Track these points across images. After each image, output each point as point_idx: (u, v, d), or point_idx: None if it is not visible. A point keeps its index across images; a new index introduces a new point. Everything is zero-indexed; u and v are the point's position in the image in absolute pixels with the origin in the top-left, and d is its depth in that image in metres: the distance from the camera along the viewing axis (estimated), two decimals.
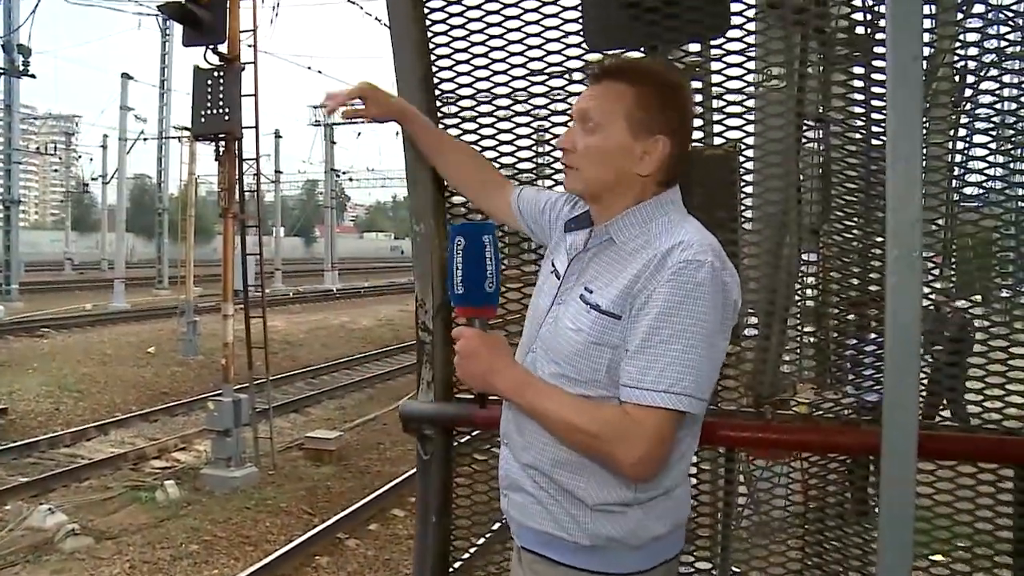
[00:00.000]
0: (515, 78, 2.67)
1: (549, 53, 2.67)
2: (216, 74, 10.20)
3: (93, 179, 50.20)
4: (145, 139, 32.28)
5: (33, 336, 20.35)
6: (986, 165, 2.39)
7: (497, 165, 2.71)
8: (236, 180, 10.73)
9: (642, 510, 1.87)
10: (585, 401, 1.82)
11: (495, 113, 2.70)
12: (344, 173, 48.71)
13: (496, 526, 2.74)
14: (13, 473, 10.62)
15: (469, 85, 2.69)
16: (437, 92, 2.70)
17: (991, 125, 2.38)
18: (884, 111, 2.40)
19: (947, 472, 2.40)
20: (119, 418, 13.47)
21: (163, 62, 30.33)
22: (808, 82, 2.64)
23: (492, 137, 2.72)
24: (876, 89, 2.52)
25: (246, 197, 11.27)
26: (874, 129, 2.59)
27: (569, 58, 2.67)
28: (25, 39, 23.18)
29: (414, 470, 9.32)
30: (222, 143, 10.54)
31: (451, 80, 2.71)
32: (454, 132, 2.74)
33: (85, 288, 34.38)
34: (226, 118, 10.22)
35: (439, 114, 2.72)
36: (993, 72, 2.44)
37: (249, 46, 10.86)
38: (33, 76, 23.01)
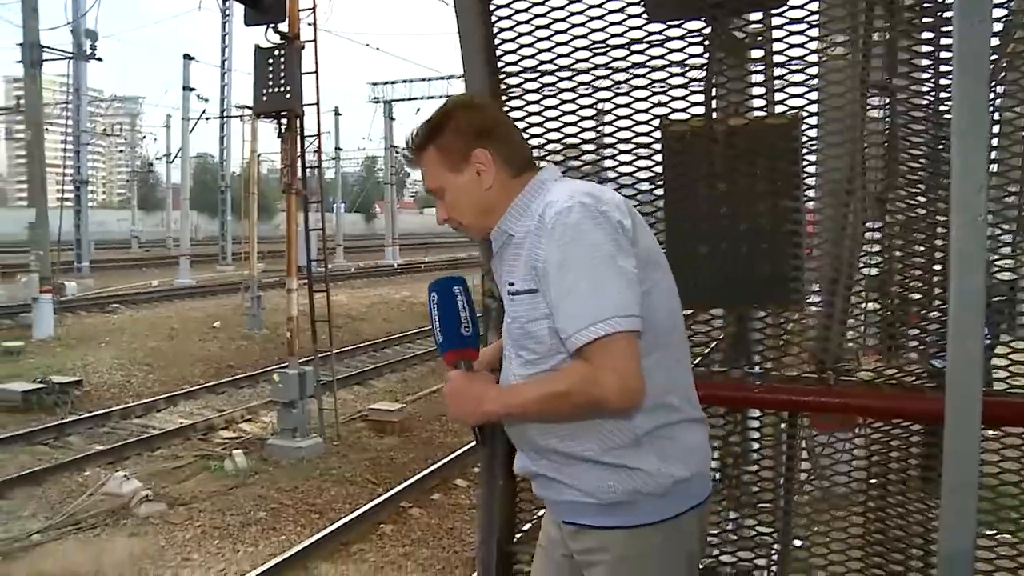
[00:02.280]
0: (577, 49, 2.69)
1: (610, 24, 2.69)
2: (276, 53, 10.34)
3: (157, 159, 51.20)
4: (207, 118, 32.87)
5: (104, 311, 20.98)
6: None
7: (560, 135, 2.76)
8: (298, 157, 10.88)
9: (653, 454, 1.95)
10: (547, 374, 1.97)
11: (557, 84, 2.73)
12: (404, 149, 49.02)
13: None
14: (90, 442, 11.02)
15: (531, 57, 2.72)
16: (500, 64, 2.74)
17: None
18: (949, 76, 2.40)
19: (1014, 440, 2.39)
20: (187, 390, 13.85)
21: (224, 42, 30.81)
22: (874, 49, 2.63)
23: (554, 108, 2.75)
24: (945, 55, 2.50)
25: (308, 174, 11.44)
26: (942, 96, 2.57)
27: (631, 28, 2.69)
28: (92, 24, 23.71)
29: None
30: (283, 121, 10.70)
31: (514, 52, 2.75)
32: (516, 103, 2.78)
33: (151, 265, 35.20)
34: (287, 96, 10.36)
35: (501, 86, 2.76)
36: None
37: (309, 24, 10.97)
38: (100, 60, 23.57)
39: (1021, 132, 2.46)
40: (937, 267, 2.62)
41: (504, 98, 2.76)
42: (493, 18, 2.72)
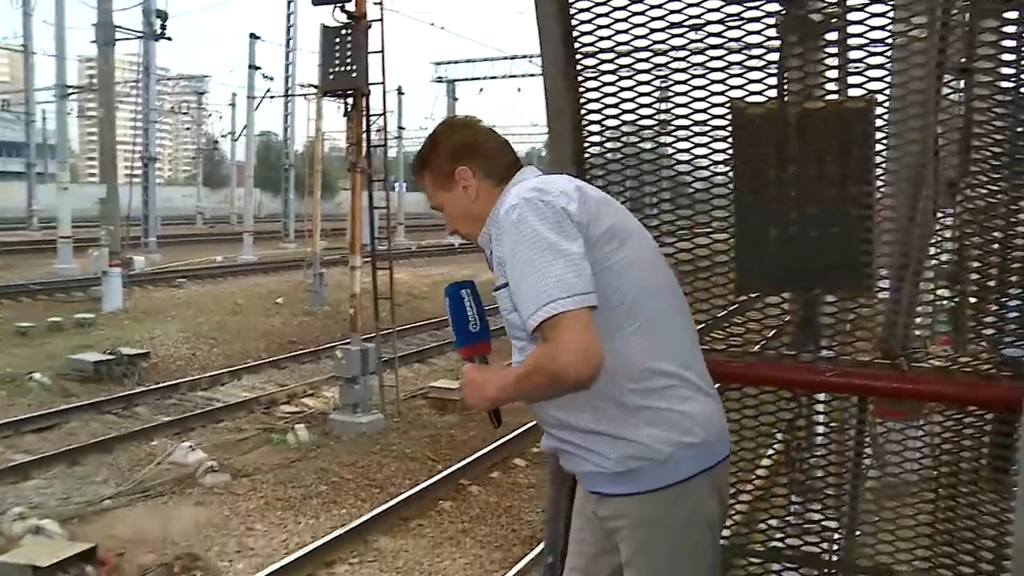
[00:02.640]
0: (655, 31, 2.69)
1: (688, 5, 2.68)
2: (343, 32, 10.44)
3: (222, 136, 52.13)
4: (272, 97, 33.27)
5: (171, 286, 21.46)
6: None
7: (636, 117, 2.77)
8: (363, 136, 10.99)
9: (644, 422, 2.07)
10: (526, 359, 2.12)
11: (633, 66, 2.73)
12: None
13: None
14: (157, 412, 11.34)
15: (609, 38, 2.73)
16: (577, 45, 2.76)
17: None
18: None
19: None
20: (250, 364, 14.13)
21: (288, 21, 31.04)
22: (952, 31, 2.58)
23: (631, 89, 2.76)
24: None
25: (372, 152, 11.54)
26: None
27: (708, 10, 2.67)
28: (161, 4, 24.12)
29: (535, 421, 9.46)
30: (350, 100, 10.81)
31: (591, 32, 2.75)
32: (592, 84, 2.80)
33: (215, 241, 35.77)
34: (353, 75, 10.47)
35: (579, 67, 2.77)
36: None
37: (375, 3, 11.05)
38: (169, 39, 23.91)
39: None
40: (1014, 255, 2.57)
41: (580, 79, 2.78)
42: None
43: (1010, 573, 1.75)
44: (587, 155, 2.83)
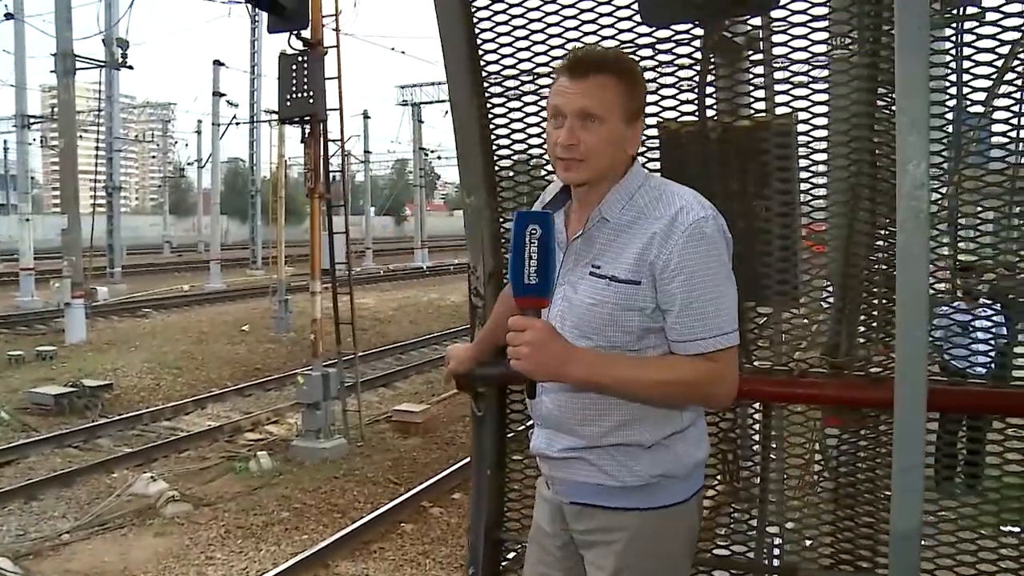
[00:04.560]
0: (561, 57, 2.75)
1: (602, 28, 2.75)
2: (300, 59, 10.50)
3: (188, 164, 51.72)
4: (237, 123, 33.20)
5: (136, 316, 21.32)
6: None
7: (540, 140, 2.82)
8: (322, 161, 11.04)
9: (682, 439, 2.10)
10: (661, 360, 2.01)
11: (539, 92, 2.80)
12: (432, 151, 49.14)
13: None
14: (119, 444, 11.25)
15: (513, 67, 2.79)
16: (484, 74, 2.82)
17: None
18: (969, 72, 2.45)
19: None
20: (215, 393, 14.07)
21: (253, 48, 31.14)
22: (884, 47, 2.66)
23: (536, 115, 2.82)
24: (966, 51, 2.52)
25: (332, 178, 11.58)
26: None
27: (621, 31, 2.74)
28: (123, 32, 24.03)
29: None
30: (307, 126, 10.86)
31: (496, 62, 2.83)
32: (500, 111, 2.86)
33: (183, 269, 35.61)
34: (310, 101, 10.52)
35: (486, 94, 2.84)
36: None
37: (332, 30, 11.14)
38: (131, 68, 23.76)
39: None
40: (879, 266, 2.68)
41: (489, 105, 2.84)
42: (476, 19, 2.79)
43: (888, 557, 1.81)
44: (497, 179, 2.89)
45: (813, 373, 2.51)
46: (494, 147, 2.86)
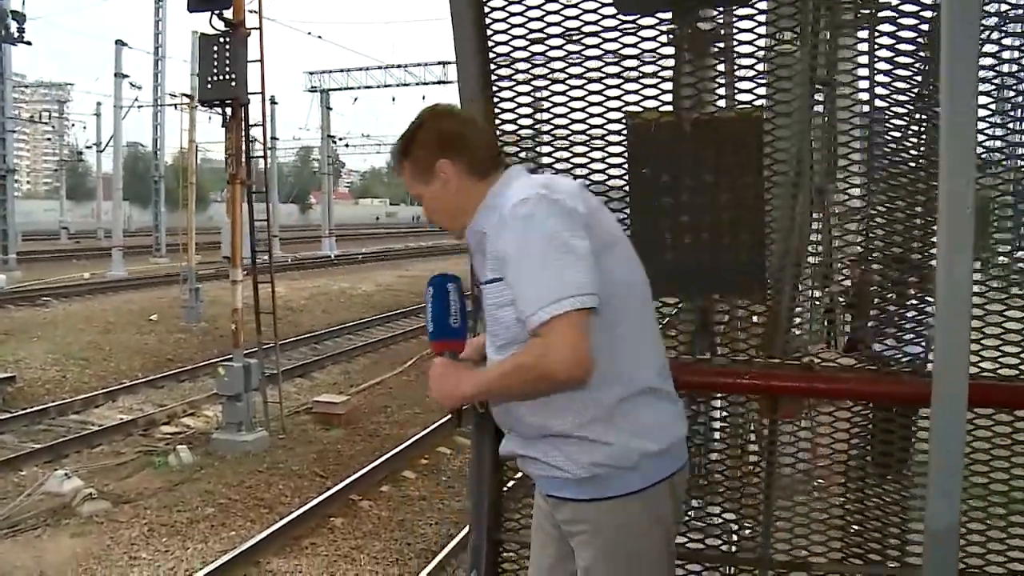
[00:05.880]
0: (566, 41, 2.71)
1: (584, 12, 2.72)
2: (222, 40, 10.18)
3: (87, 147, 49.78)
4: (140, 106, 32.12)
5: (35, 305, 20.34)
6: (986, 125, 2.46)
7: (551, 126, 2.78)
8: (243, 146, 10.73)
9: (622, 428, 2.08)
10: (509, 356, 2.12)
11: (549, 76, 2.75)
12: (340, 139, 48.41)
13: None
14: (25, 440, 10.74)
15: (523, 48, 2.74)
16: (492, 55, 2.75)
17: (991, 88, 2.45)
18: (888, 74, 2.52)
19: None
20: (126, 385, 13.58)
21: (157, 28, 30.07)
22: (820, 45, 2.71)
23: (547, 99, 2.77)
24: (881, 53, 2.59)
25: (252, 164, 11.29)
26: (877, 91, 2.66)
27: (604, 17, 2.72)
28: (18, 5, 23.00)
29: (423, 432, 9.41)
30: (228, 110, 10.54)
31: (506, 44, 2.76)
32: (508, 95, 2.80)
33: (82, 257, 34.30)
34: (233, 84, 10.21)
35: (493, 76, 2.77)
36: (994, 35, 2.50)
37: (252, 12, 10.80)
38: (28, 43, 22.81)
39: None
40: (872, 256, 2.73)
41: (495, 88, 2.78)
42: (486, 9, 2.73)
43: (922, 556, 1.81)
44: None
45: (826, 368, 2.50)
46: (499, 134, 2.80)
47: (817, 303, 3.49)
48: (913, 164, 2.72)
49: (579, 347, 1.94)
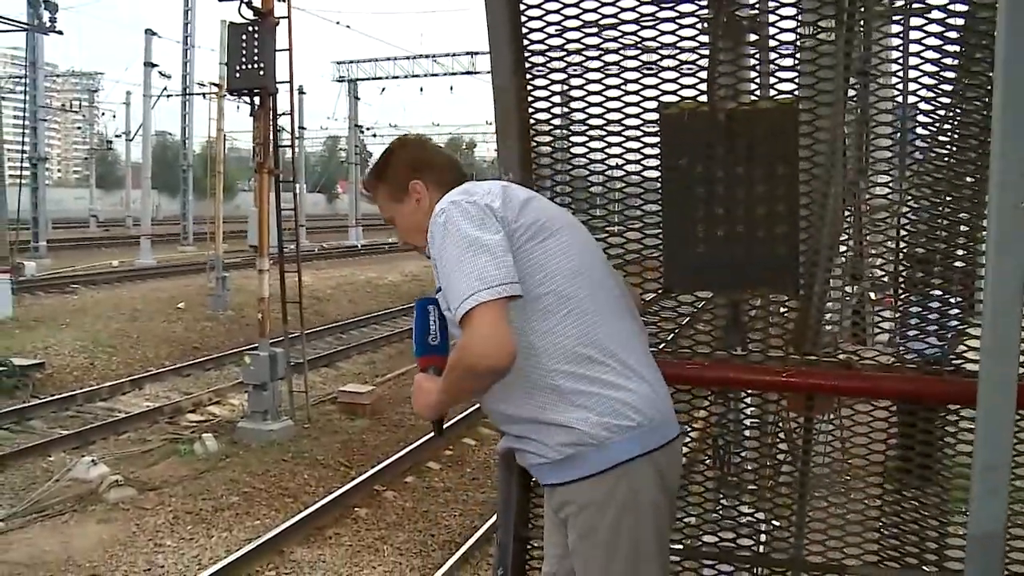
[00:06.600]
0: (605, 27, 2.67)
1: (625, 9, 2.67)
2: (250, 29, 10.18)
3: (117, 136, 50.14)
4: (169, 95, 32.30)
5: (64, 292, 20.56)
6: None
7: (584, 115, 2.74)
8: (271, 135, 10.74)
9: (581, 407, 2.12)
10: None
11: (584, 64, 2.70)
12: (368, 129, 48.44)
13: None
14: (53, 426, 10.83)
15: (558, 35, 2.70)
16: (525, 43, 2.71)
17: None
18: (919, 68, 2.46)
19: None
20: (153, 372, 13.69)
21: (186, 18, 30.26)
22: (856, 35, 2.66)
23: (580, 88, 2.73)
24: (914, 47, 2.53)
25: (279, 153, 11.30)
26: (918, 83, 2.60)
27: (641, 3, 2.66)
28: None
29: (449, 423, 9.33)
30: (256, 99, 10.54)
31: (540, 31, 2.72)
32: (541, 83, 2.76)
33: (111, 245, 34.61)
34: (261, 73, 10.22)
35: (527, 64, 2.72)
36: None
37: (281, 1, 10.80)
38: (60, 32, 22.94)
39: None
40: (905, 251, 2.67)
41: (528, 76, 2.74)
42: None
43: (965, 559, 1.76)
44: (534, 155, 2.79)
45: (868, 366, 2.44)
46: (532, 123, 2.76)
47: (848, 298, 3.43)
48: (947, 159, 2.66)
49: (495, 334, 2.01)
